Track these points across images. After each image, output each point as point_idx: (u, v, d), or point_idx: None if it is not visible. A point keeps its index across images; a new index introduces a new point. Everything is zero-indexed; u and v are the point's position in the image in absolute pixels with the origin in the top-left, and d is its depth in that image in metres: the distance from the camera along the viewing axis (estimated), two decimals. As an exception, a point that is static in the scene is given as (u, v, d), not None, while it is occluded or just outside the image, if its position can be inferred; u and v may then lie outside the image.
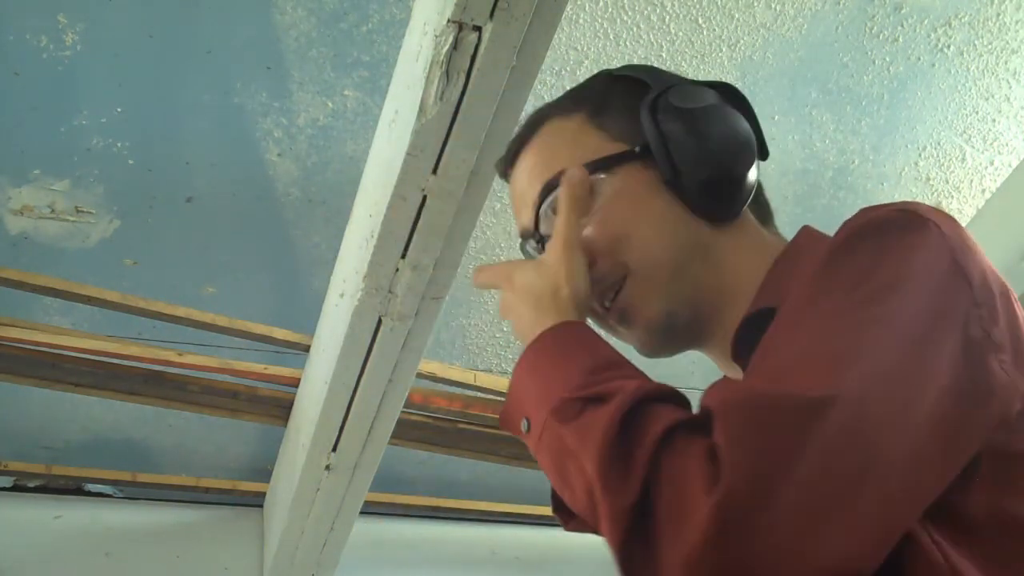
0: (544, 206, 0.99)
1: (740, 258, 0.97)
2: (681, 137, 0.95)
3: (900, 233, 0.78)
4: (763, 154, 1.03)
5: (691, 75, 2.15)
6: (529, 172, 1.02)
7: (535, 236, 1.01)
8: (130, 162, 2.07)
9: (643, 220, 0.96)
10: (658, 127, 0.96)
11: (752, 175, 0.99)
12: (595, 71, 1.15)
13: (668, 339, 0.99)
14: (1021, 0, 2.19)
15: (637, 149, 0.97)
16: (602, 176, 0.97)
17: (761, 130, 1.03)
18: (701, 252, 0.96)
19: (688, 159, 0.95)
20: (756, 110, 1.06)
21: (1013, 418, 0.75)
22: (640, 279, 0.96)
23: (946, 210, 2.50)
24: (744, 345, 0.93)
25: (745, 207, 0.99)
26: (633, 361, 0.90)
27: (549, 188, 0.98)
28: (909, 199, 2.46)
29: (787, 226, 2.52)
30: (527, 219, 1.02)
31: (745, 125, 1.01)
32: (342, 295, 1.85)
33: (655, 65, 1.08)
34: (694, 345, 1.01)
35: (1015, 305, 0.83)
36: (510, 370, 2.59)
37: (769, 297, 0.92)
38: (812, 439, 0.67)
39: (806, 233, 1.00)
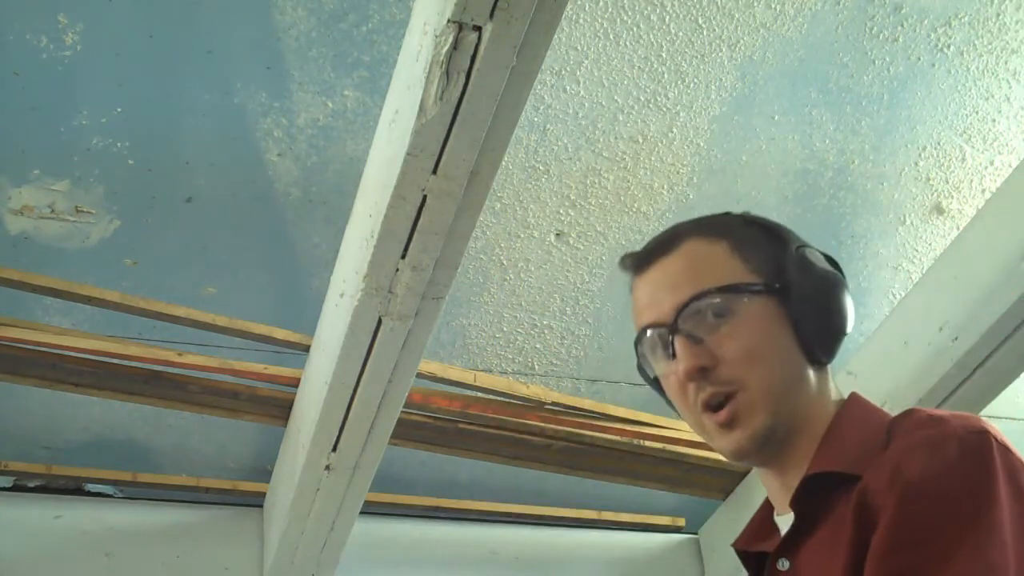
0: (693, 306, 1.13)
1: (820, 399, 1.16)
2: (811, 291, 1.14)
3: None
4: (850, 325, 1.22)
5: (691, 75, 2.16)
6: (676, 273, 1.17)
7: (669, 327, 1.14)
8: (130, 162, 2.06)
9: (769, 346, 1.13)
10: (787, 274, 1.14)
11: (845, 334, 1.19)
12: (595, 71, 1.19)
13: (762, 450, 1.14)
14: (1021, 0, 2.19)
15: (778, 286, 1.14)
16: (744, 299, 1.13)
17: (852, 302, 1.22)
18: (802, 385, 1.14)
19: (813, 310, 1.14)
20: (756, 110, 1.12)
21: None
22: (754, 394, 1.12)
23: (946, 210, 2.50)
24: (803, 499, 1.10)
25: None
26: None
27: (703, 296, 1.13)
28: (909, 199, 2.47)
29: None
30: (657, 314, 1.16)
31: (847, 292, 1.19)
32: (342, 295, 1.85)
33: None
34: (771, 463, 1.18)
35: None
36: (510, 370, 2.60)
37: (834, 460, 1.10)
38: None
39: (856, 399, 1.19)
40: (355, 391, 1.93)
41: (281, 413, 2.37)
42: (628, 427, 2.60)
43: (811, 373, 1.15)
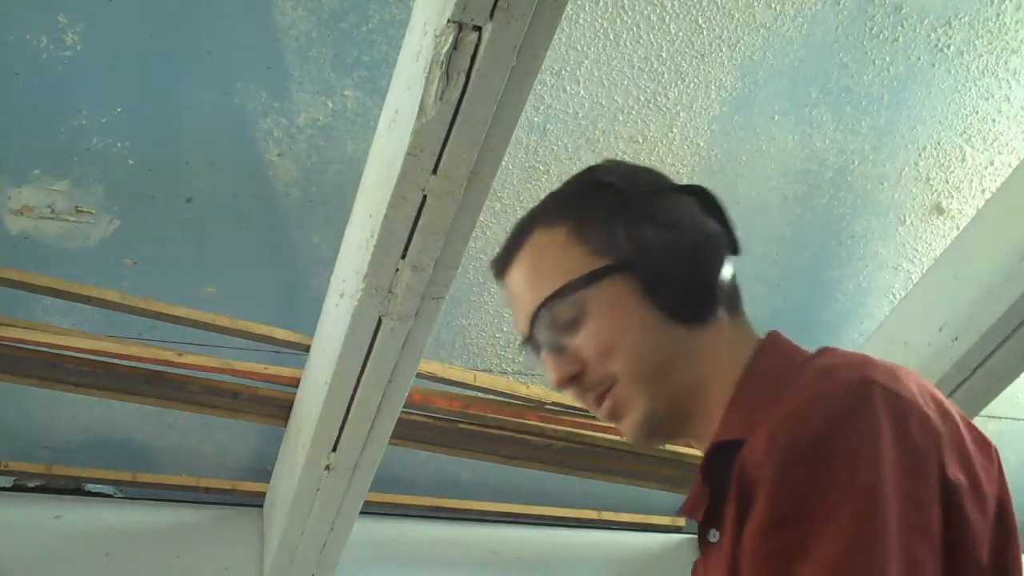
0: (541, 317, 1.06)
1: (715, 357, 1.05)
2: (655, 251, 1.03)
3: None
4: (734, 250, 1.09)
5: (691, 75, 2.16)
6: (522, 281, 1.10)
7: (530, 341, 1.09)
8: (130, 162, 2.07)
9: (625, 330, 1.04)
10: (632, 240, 1.04)
11: (719, 278, 1.05)
12: (595, 71, 1.18)
13: (651, 435, 1.08)
14: (1021, 0, 2.19)
15: (618, 261, 1.04)
16: (587, 291, 1.04)
17: (732, 227, 1.09)
18: (679, 355, 1.04)
19: (662, 271, 1.03)
20: (756, 110, 1.08)
21: None
22: (625, 383, 1.05)
23: (946, 210, 2.50)
24: (713, 471, 1.01)
25: (718, 306, 1.06)
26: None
27: (546, 306, 1.06)
28: (909, 199, 2.47)
29: (787, 226, 2.52)
30: (521, 327, 1.10)
31: (715, 229, 1.07)
32: (342, 295, 1.85)
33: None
34: (678, 438, 1.11)
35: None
36: (510, 370, 2.60)
37: (737, 425, 1.00)
38: None
39: (771, 345, 1.07)
40: (355, 391, 1.92)
41: (281, 413, 2.37)
42: (628, 427, 2.59)
43: (690, 335, 1.04)
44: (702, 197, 1.09)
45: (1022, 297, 2.04)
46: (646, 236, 1.04)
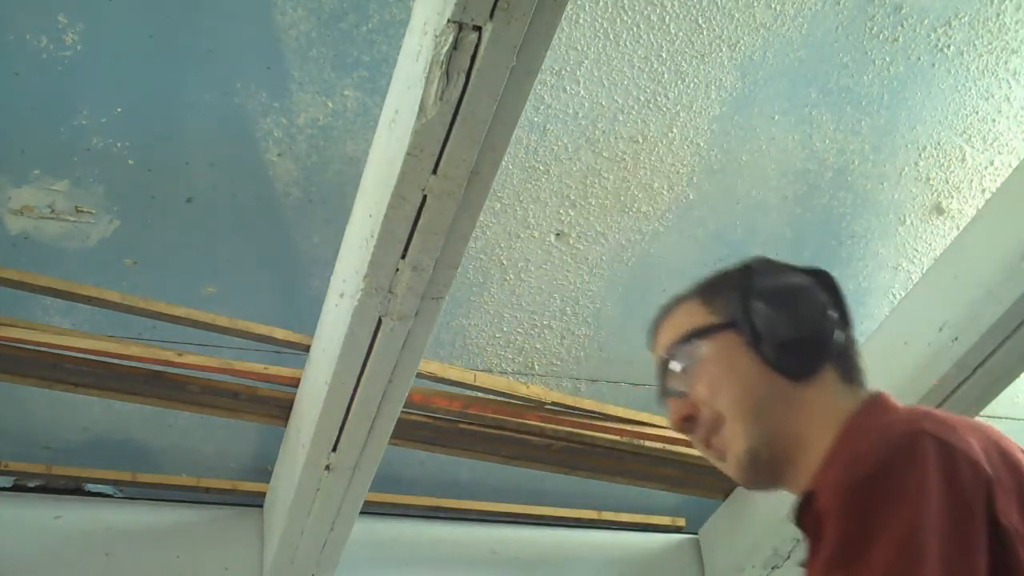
0: (665, 366, 1.26)
1: (813, 412, 1.19)
2: (762, 309, 1.20)
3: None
4: (845, 326, 1.24)
5: (691, 75, 2.16)
6: (659, 343, 1.30)
7: (661, 392, 1.28)
8: (130, 162, 2.06)
9: (732, 377, 1.20)
10: (743, 302, 1.22)
11: (823, 342, 1.21)
12: (595, 71, 1.21)
13: (754, 473, 1.21)
14: (1021, 0, 2.19)
15: (730, 321, 1.22)
16: (700, 342, 1.22)
17: (846, 307, 1.25)
18: (780, 403, 1.19)
19: (766, 327, 1.19)
20: (756, 110, 1.12)
21: None
22: (730, 424, 1.20)
23: (946, 210, 2.51)
24: (799, 518, 1.15)
25: (825, 367, 1.21)
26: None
27: (669, 355, 1.25)
28: (909, 199, 2.47)
29: (788, 226, 2.52)
30: (656, 377, 1.29)
31: (821, 300, 1.23)
32: (342, 295, 1.85)
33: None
34: (779, 484, 1.23)
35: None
36: (510, 370, 2.60)
37: (821, 477, 1.12)
38: None
39: (871, 404, 1.19)
40: (355, 391, 1.92)
41: (281, 413, 2.37)
42: (628, 427, 2.60)
43: (795, 388, 1.19)
44: (820, 277, 1.26)
45: (1022, 297, 2.04)
46: (759, 300, 1.21)
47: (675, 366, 1.24)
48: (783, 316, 1.20)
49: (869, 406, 1.19)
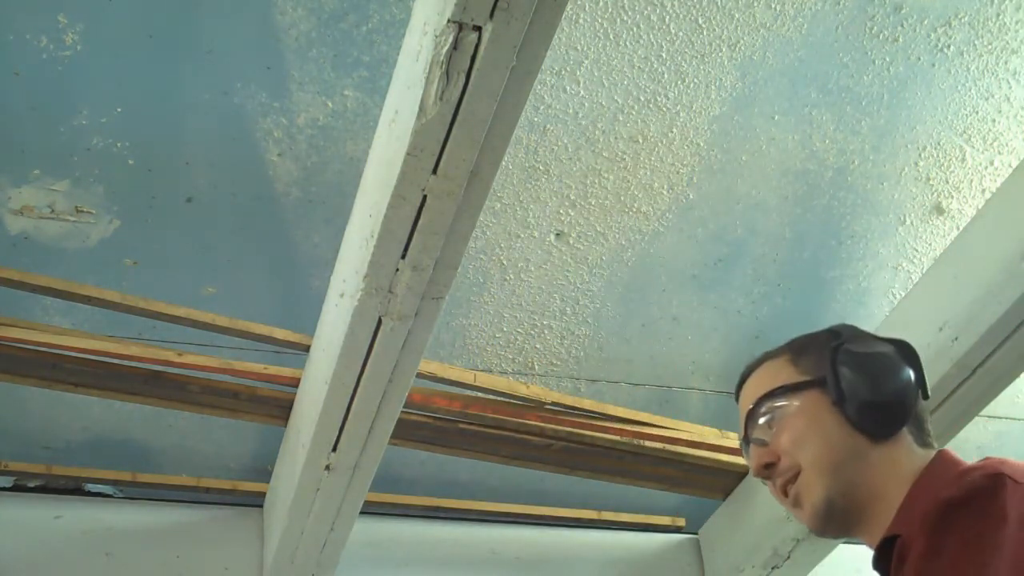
0: (751, 415, 1.36)
1: (888, 469, 1.29)
2: (848, 372, 1.31)
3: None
4: (923, 394, 1.36)
5: (691, 75, 2.16)
6: (747, 394, 1.41)
7: (744, 438, 1.38)
8: (130, 162, 2.07)
9: (814, 431, 1.31)
10: (832, 363, 1.32)
11: (904, 406, 1.32)
12: (595, 71, 1.22)
13: (828, 521, 1.31)
14: (1021, 0, 2.19)
15: (817, 380, 1.33)
16: (788, 398, 1.33)
17: (923, 376, 1.36)
18: (857, 459, 1.29)
19: (850, 388, 1.30)
20: (756, 110, 1.13)
21: None
22: (808, 474, 1.30)
23: (946, 210, 2.51)
24: (876, 563, 1.26)
25: (902, 430, 1.32)
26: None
27: (756, 407, 1.36)
28: (909, 199, 2.47)
29: (788, 226, 2.53)
30: (742, 427, 1.39)
31: (904, 369, 1.34)
32: (342, 295, 1.85)
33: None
34: (851, 534, 1.34)
35: None
36: (510, 370, 2.60)
37: (900, 524, 1.24)
38: None
39: (938, 461, 1.30)
40: (355, 391, 1.92)
41: (281, 413, 2.37)
42: (628, 427, 2.60)
43: (873, 447, 1.30)
44: (902, 347, 1.38)
45: (1022, 297, 2.04)
46: (847, 363, 1.32)
47: (761, 418, 1.35)
48: (868, 380, 1.30)
49: (940, 459, 1.30)
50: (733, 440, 2.64)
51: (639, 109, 2.19)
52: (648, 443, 2.61)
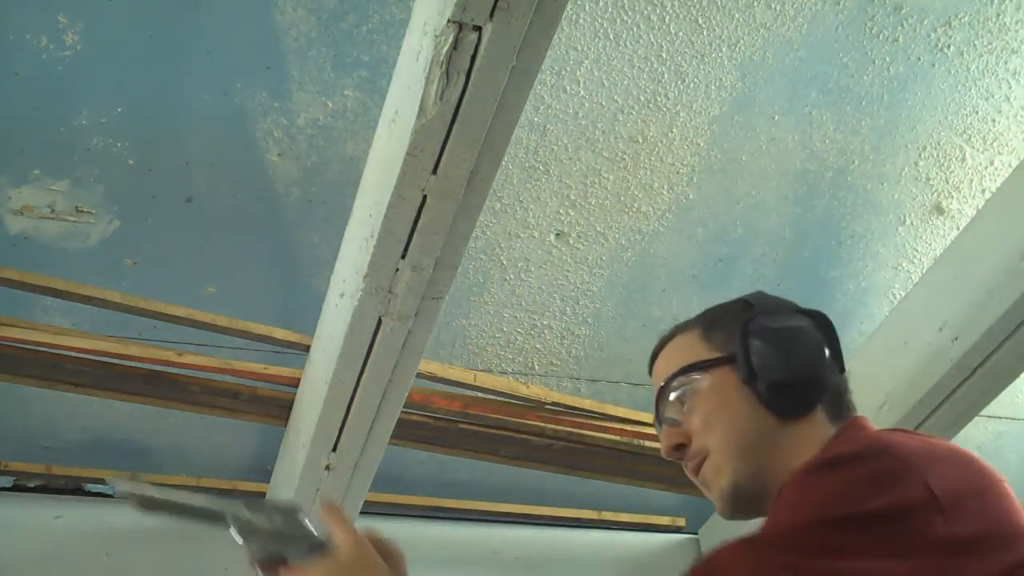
0: (661, 394, 1.30)
1: (799, 449, 1.21)
2: (759, 348, 1.23)
3: None
4: (839, 368, 1.28)
5: (691, 75, 2.16)
6: (658, 371, 1.34)
7: (656, 417, 1.32)
8: (130, 162, 2.07)
9: (723, 412, 1.24)
10: (742, 340, 1.25)
11: (817, 384, 1.24)
12: (595, 71, 1.20)
13: (736, 506, 1.25)
14: (1021, 0, 2.19)
15: (728, 355, 1.25)
16: (698, 375, 1.26)
17: (840, 349, 1.28)
18: (767, 440, 1.22)
19: (761, 366, 1.23)
20: (756, 110, 1.11)
21: None
22: (715, 457, 1.24)
23: (946, 210, 2.50)
24: None
25: (816, 407, 1.24)
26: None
27: (667, 384, 1.30)
28: (909, 199, 2.47)
29: (788, 226, 2.52)
30: (654, 404, 1.33)
31: (818, 344, 1.26)
32: (342, 295, 1.85)
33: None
34: (760, 515, 1.24)
35: None
36: (510, 370, 2.60)
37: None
38: None
39: (844, 429, 1.23)
40: (355, 391, 1.93)
41: (281, 413, 2.37)
42: (628, 427, 2.60)
43: (784, 426, 1.22)
44: (818, 319, 1.28)
45: (1022, 297, 2.04)
46: (758, 339, 1.24)
47: (671, 396, 1.29)
48: (780, 357, 1.23)
49: (845, 427, 1.23)
50: (733, 440, 2.64)
51: (639, 109, 2.19)
52: (648, 443, 2.61)
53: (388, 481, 2.56)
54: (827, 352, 1.26)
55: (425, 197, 1.55)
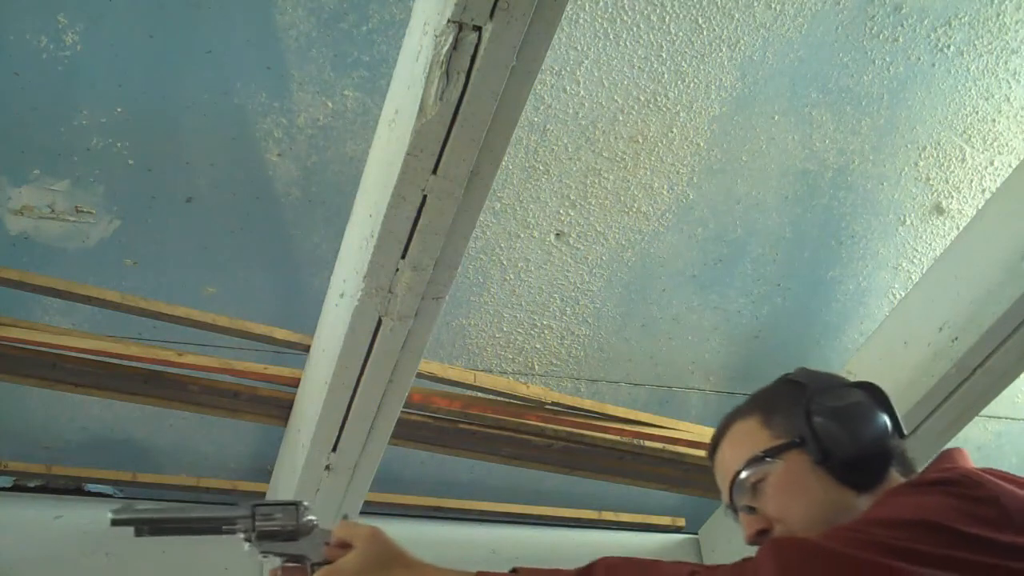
0: (735, 485, 1.34)
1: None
2: (826, 429, 1.29)
3: None
4: (899, 434, 1.34)
5: (691, 75, 2.16)
6: (722, 464, 1.38)
7: (730, 506, 1.36)
8: (130, 162, 2.07)
9: (800, 494, 1.29)
10: (808, 423, 1.30)
11: (886, 452, 1.31)
12: (595, 71, 1.20)
13: None
14: (1021, 0, 2.19)
15: (796, 440, 1.30)
16: (770, 461, 1.31)
17: (896, 414, 1.34)
18: (848, 512, 1.26)
19: (832, 446, 1.28)
20: (756, 110, 1.11)
21: None
22: (801, 533, 1.27)
23: (946, 210, 2.50)
24: None
25: (889, 472, 1.30)
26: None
27: (738, 476, 1.34)
28: (909, 199, 2.47)
29: (788, 226, 2.52)
30: (725, 495, 1.37)
31: (879, 415, 1.32)
32: (342, 295, 1.85)
33: (814, 371, 1.39)
34: None
35: None
36: (510, 370, 2.60)
37: None
38: None
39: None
40: (355, 391, 1.92)
41: (281, 413, 2.37)
42: (628, 427, 2.60)
43: (858, 498, 1.28)
44: (871, 391, 1.34)
45: (1022, 297, 2.04)
46: (820, 419, 1.30)
47: (745, 485, 1.32)
48: (848, 435, 1.29)
49: (939, 459, 1.29)
50: (733, 440, 2.64)
51: (639, 109, 2.19)
52: (648, 443, 2.61)
53: (388, 481, 2.56)
54: (887, 421, 1.32)
55: (425, 197, 1.55)
